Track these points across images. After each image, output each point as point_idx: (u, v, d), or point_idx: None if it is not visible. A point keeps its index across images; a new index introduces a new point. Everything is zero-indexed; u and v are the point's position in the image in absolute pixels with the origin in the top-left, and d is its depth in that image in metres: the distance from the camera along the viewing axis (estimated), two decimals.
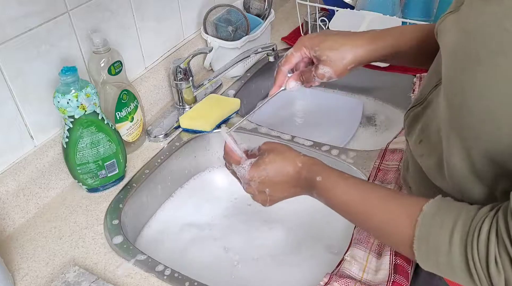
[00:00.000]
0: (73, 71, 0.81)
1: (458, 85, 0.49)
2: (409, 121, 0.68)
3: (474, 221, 0.47)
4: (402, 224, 0.53)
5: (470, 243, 0.46)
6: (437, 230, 0.49)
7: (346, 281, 0.69)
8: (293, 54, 0.73)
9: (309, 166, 0.65)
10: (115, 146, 0.91)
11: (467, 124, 0.49)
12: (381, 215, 0.56)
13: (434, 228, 0.49)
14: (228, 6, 1.22)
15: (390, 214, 0.55)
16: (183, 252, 0.94)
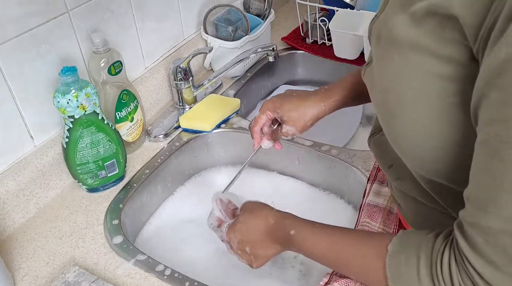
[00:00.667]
0: (73, 71, 0.81)
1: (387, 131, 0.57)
2: (373, 148, 0.72)
3: (433, 252, 0.50)
4: (374, 268, 0.55)
5: (436, 276, 0.48)
6: (404, 268, 0.51)
7: (346, 281, 0.69)
8: (260, 116, 0.82)
9: (281, 221, 0.67)
10: (115, 146, 0.91)
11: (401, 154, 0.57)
12: (354, 260, 0.59)
13: (401, 267, 0.52)
14: (228, 6, 1.22)
15: (361, 258, 0.58)
16: (183, 251, 0.94)
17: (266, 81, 1.36)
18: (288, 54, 1.39)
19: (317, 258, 0.64)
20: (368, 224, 0.79)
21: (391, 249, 0.54)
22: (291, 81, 1.42)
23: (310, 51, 1.35)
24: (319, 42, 1.36)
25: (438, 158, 0.52)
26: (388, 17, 0.52)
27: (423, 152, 0.52)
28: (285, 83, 1.41)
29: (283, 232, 0.66)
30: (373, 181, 0.88)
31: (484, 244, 0.44)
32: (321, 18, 1.30)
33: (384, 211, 0.80)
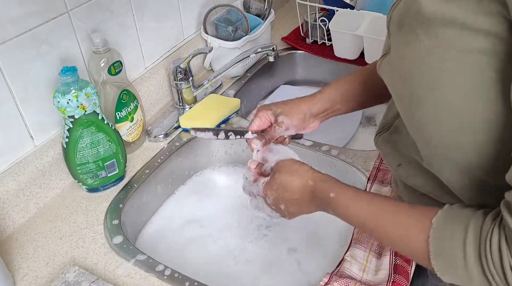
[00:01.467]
0: (73, 71, 0.81)
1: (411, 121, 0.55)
2: (381, 146, 0.71)
3: (483, 231, 0.48)
4: (416, 239, 0.53)
5: (484, 255, 0.47)
6: (450, 243, 0.49)
7: (346, 281, 0.69)
8: (255, 118, 0.79)
9: (321, 183, 0.65)
10: (115, 145, 0.91)
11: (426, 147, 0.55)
12: (394, 230, 0.56)
13: (446, 242, 0.50)
14: (228, 6, 1.22)
15: (403, 229, 0.55)
16: (183, 252, 0.94)
17: (266, 81, 1.36)
18: (288, 54, 1.39)
19: (354, 223, 0.62)
20: None
21: (435, 223, 0.51)
22: (291, 81, 1.42)
23: (310, 51, 1.35)
24: (319, 42, 1.36)
25: (468, 141, 0.50)
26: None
27: (453, 135, 0.50)
28: (285, 83, 1.41)
29: (322, 194, 0.64)
30: (373, 181, 0.88)
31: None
32: (321, 18, 1.30)
33: None
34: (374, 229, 0.59)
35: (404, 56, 0.52)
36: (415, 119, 0.54)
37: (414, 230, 0.54)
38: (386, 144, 0.69)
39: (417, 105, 0.52)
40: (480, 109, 0.47)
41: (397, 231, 0.56)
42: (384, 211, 0.59)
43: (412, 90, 0.52)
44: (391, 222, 0.57)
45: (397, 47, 0.55)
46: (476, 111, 0.47)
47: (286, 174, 0.68)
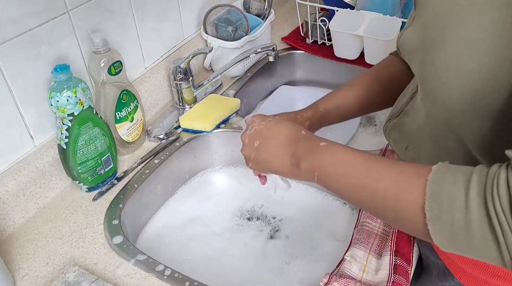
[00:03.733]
0: (67, 68, 0.81)
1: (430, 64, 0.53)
2: (389, 132, 0.72)
3: (489, 174, 0.44)
4: (411, 185, 0.48)
5: (490, 193, 0.43)
6: (450, 186, 0.45)
7: (346, 281, 0.69)
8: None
9: (311, 134, 0.64)
10: (108, 139, 0.91)
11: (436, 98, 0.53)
12: (389, 177, 0.52)
13: (446, 185, 0.46)
14: (228, 6, 1.22)
15: (399, 175, 0.51)
16: (183, 251, 0.94)
17: (266, 81, 1.36)
18: (288, 54, 1.39)
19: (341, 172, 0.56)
20: (368, 224, 0.79)
21: (436, 168, 0.48)
22: (291, 81, 1.42)
23: (310, 51, 1.35)
24: (319, 42, 1.36)
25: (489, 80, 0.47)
26: None
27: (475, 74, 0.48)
28: (285, 84, 1.41)
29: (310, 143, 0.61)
30: None
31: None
32: (321, 18, 1.30)
33: None
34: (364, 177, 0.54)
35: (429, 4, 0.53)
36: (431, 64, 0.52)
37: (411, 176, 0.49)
38: (394, 129, 0.70)
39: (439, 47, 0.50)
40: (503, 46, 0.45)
41: (393, 177, 0.51)
42: (381, 160, 0.55)
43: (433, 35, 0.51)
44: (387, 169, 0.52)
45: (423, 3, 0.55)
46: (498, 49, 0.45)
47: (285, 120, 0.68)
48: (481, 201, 0.43)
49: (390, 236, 0.76)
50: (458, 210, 0.44)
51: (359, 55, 1.27)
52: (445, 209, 0.45)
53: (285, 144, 0.63)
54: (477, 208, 0.43)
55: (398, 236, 0.76)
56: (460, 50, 0.49)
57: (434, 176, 0.47)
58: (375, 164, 0.54)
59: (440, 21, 0.52)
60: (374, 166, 0.54)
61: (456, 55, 0.50)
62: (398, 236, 0.76)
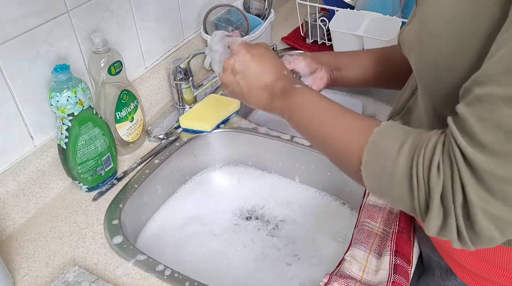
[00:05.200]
0: (67, 68, 0.81)
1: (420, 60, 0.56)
2: None
3: (423, 136, 0.49)
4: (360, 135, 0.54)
5: (418, 151, 0.48)
6: (389, 140, 0.51)
7: (346, 281, 0.69)
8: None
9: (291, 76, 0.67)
10: (108, 139, 0.91)
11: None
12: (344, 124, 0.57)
13: (386, 138, 0.51)
14: (228, 6, 1.22)
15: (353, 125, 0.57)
16: (183, 251, 0.94)
17: None
18: None
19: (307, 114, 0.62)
20: (368, 224, 0.79)
21: (384, 124, 0.53)
22: None
23: (310, 51, 1.35)
24: (319, 42, 1.36)
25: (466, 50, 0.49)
26: None
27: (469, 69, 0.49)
28: None
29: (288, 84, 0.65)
30: None
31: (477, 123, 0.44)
32: (321, 18, 1.30)
33: (384, 211, 0.80)
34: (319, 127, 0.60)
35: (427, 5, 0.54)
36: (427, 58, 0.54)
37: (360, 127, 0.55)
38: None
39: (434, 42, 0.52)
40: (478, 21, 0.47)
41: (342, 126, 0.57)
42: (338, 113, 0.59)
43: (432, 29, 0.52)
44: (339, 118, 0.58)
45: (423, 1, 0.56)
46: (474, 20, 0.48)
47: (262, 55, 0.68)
48: (409, 158, 0.48)
49: (390, 236, 0.76)
50: (388, 161, 0.50)
51: None
52: (379, 158, 0.51)
53: (266, 82, 0.66)
54: (404, 162, 0.49)
55: (398, 236, 0.76)
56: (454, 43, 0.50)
57: (379, 130, 0.52)
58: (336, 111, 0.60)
59: (437, 18, 0.52)
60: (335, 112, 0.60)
61: (451, 49, 0.51)
62: (398, 236, 0.76)
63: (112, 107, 0.94)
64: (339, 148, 0.57)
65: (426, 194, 0.47)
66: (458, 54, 0.50)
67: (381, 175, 0.51)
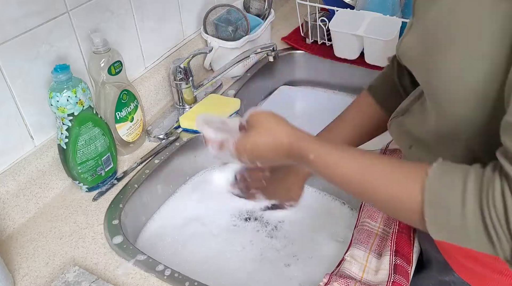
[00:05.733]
0: (67, 68, 0.81)
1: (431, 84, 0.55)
2: (393, 129, 0.71)
3: (485, 178, 0.46)
4: (409, 192, 0.50)
5: (486, 201, 0.45)
6: (447, 191, 0.47)
7: (346, 281, 0.69)
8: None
9: (297, 143, 0.60)
10: (108, 139, 0.91)
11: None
12: (386, 186, 0.53)
13: (443, 190, 0.47)
14: (228, 6, 1.22)
15: (395, 183, 0.52)
16: (183, 251, 0.94)
17: (266, 81, 1.36)
18: (288, 54, 1.39)
19: (339, 182, 0.58)
20: (368, 224, 0.79)
21: (431, 172, 0.49)
22: (291, 82, 1.42)
23: (310, 51, 1.35)
24: (319, 42, 1.36)
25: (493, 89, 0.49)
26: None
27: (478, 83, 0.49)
28: (285, 84, 1.41)
29: (300, 155, 0.59)
30: None
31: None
32: (321, 18, 1.30)
33: None
34: (362, 188, 0.55)
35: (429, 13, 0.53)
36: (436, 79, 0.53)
37: (408, 183, 0.51)
38: (399, 127, 0.70)
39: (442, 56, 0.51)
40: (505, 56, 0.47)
41: (389, 187, 0.53)
42: (375, 167, 0.55)
43: (436, 45, 0.52)
44: (383, 178, 0.54)
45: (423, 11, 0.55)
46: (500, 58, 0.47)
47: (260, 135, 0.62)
48: (478, 208, 0.45)
49: (390, 236, 0.76)
50: (455, 217, 0.47)
51: (359, 55, 1.27)
52: (444, 213, 0.47)
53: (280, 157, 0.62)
54: (474, 215, 0.46)
55: (398, 236, 0.76)
56: (462, 59, 0.50)
57: (430, 183, 0.48)
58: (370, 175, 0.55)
59: (441, 30, 0.52)
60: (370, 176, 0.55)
61: (459, 65, 0.50)
62: (398, 236, 0.76)
63: (112, 107, 0.94)
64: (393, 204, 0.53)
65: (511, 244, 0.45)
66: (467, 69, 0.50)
67: (451, 232, 0.48)
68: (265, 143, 0.61)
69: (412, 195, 0.49)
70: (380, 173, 0.54)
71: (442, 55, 0.52)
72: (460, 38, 0.50)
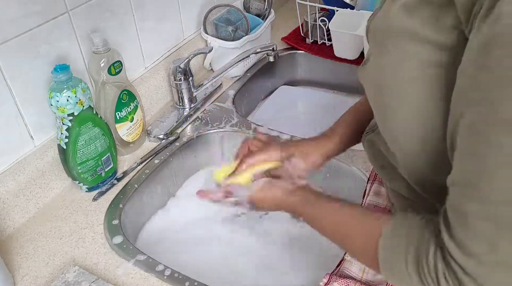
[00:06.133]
0: (67, 68, 0.81)
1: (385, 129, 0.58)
2: (366, 147, 0.72)
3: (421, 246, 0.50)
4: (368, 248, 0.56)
5: (422, 268, 0.49)
6: (394, 255, 0.52)
7: (346, 281, 0.69)
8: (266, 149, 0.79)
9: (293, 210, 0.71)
10: (108, 139, 0.91)
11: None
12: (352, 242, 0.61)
13: (391, 252, 0.53)
14: (228, 6, 1.22)
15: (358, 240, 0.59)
16: (183, 251, 0.94)
17: (266, 81, 1.36)
18: (288, 54, 1.39)
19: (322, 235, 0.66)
20: None
21: (384, 232, 0.54)
22: (291, 82, 1.43)
23: (310, 51, 1.35)
24: (319, 42, 1.36)
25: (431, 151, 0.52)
26: (385, 11, 0.53)
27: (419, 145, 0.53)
28: (285, 84, 1.41)
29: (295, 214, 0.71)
30: (373, 181, 0.88)
31: (462, 232, 0.44)
32: (321, 18, 1.30)
33: (384, 211, 0.80)
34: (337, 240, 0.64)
35: (378, 65, 0.55)
36: (388, 126, 0.56)
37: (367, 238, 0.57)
38: (371, 145, 0.70)
39: (389, 113, 0.54)
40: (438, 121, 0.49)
41: (355, 240, 0.60)
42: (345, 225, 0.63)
43: (383, 99, 0.54)
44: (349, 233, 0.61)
45: (373, 57, 0.57)
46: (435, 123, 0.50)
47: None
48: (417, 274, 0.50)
49: None
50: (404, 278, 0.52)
51: (359, 55, 1.27)
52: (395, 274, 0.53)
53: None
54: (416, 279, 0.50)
55: None
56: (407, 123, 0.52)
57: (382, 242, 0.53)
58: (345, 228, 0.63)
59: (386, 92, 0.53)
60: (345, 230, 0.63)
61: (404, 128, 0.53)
62: None
63: (112, 107, 0.94)
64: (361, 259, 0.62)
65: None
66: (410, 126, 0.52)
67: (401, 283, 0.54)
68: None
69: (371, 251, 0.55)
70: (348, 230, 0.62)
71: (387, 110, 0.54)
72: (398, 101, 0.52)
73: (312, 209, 0.68)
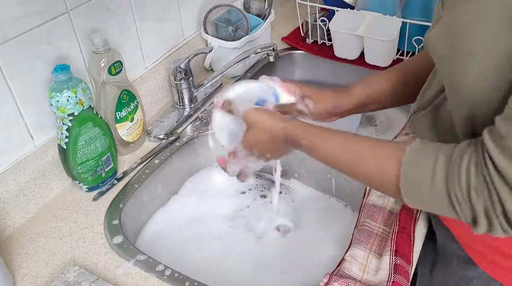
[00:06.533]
0: (67, 68, 0.81)
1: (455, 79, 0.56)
2: (414, 124, 0.72)
3: (454, 155, 0.50)
4: (389, 167, 0.56)
5: (452, 178, 0.49)
6: (420, 166, 0.53)
7: (346, 281, 0.69)
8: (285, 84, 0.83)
9: (291, 132, 0.68)
10: (109, 139, 0.91)
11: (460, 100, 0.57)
12: (370, 162, 0.59)
13: (417, 165, 0.53)
14: (228, 6, 1.22)
15: (376, 160, 0.59)
16: (183, 252, 0.94)
17: None
18: (288, 54, 1.39)
19: (328, 162, 0.65)
20: (368, 224, 0.79)
21: (409, 149, 0.54)
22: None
23: (310, 51, 1.35)
24: (319, 42, 1.36)
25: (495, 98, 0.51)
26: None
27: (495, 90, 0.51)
28: None
29: (294, 141, 0.68)
30: None
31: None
32: (321, 18, 1.30)
33: (384, 211, 0.80)
34: (348, 164, 0.62)
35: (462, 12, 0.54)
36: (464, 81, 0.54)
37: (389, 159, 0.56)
38: (421, 122, 0.70)
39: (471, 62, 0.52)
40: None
41: (371, 162, 0.59)
42: (358, 145, 0.62)
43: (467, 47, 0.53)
44: (367, 155, 0.60)
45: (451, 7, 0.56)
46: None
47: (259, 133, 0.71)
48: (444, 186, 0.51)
49: (390, 236, 0.76)
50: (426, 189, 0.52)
51: (359, 55, 1.27)
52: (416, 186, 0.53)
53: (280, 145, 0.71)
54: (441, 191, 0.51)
55: (398, 236, 0.76)
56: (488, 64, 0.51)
57: (407, 159, 0.54)
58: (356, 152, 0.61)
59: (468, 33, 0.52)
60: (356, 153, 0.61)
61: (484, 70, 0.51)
62: (398, 236, 0.76)
63: (112, 107, 0.94)
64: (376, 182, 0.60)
65: (472, 212, 0.51)
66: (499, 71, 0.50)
67: (422, 203, 0.55)
68: (264, 139, 0.71)
69: (392, 170, 0.55)
70: (363, 151, 0.61)
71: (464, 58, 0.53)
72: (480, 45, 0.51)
73: (312, 133, 0.66)
